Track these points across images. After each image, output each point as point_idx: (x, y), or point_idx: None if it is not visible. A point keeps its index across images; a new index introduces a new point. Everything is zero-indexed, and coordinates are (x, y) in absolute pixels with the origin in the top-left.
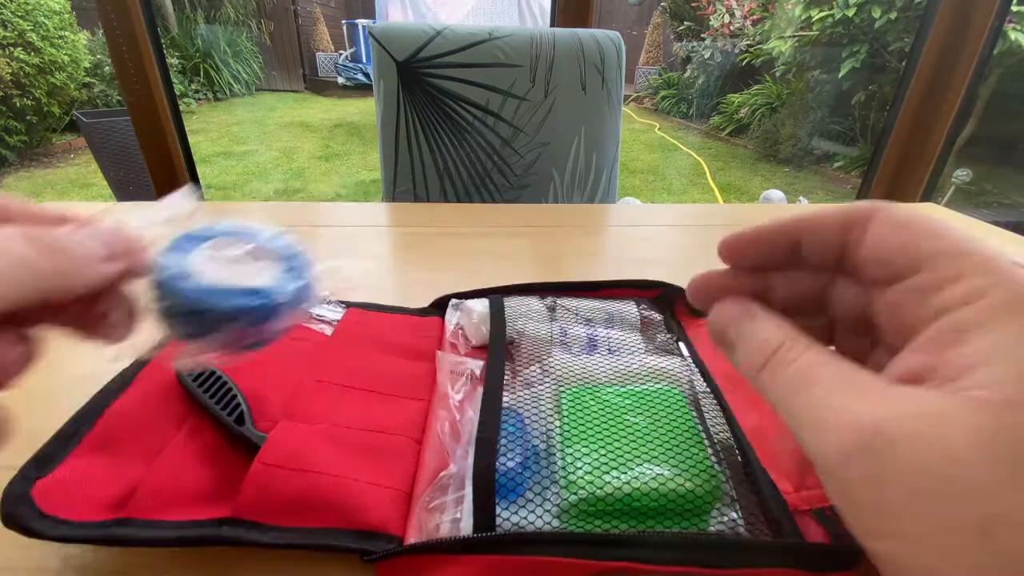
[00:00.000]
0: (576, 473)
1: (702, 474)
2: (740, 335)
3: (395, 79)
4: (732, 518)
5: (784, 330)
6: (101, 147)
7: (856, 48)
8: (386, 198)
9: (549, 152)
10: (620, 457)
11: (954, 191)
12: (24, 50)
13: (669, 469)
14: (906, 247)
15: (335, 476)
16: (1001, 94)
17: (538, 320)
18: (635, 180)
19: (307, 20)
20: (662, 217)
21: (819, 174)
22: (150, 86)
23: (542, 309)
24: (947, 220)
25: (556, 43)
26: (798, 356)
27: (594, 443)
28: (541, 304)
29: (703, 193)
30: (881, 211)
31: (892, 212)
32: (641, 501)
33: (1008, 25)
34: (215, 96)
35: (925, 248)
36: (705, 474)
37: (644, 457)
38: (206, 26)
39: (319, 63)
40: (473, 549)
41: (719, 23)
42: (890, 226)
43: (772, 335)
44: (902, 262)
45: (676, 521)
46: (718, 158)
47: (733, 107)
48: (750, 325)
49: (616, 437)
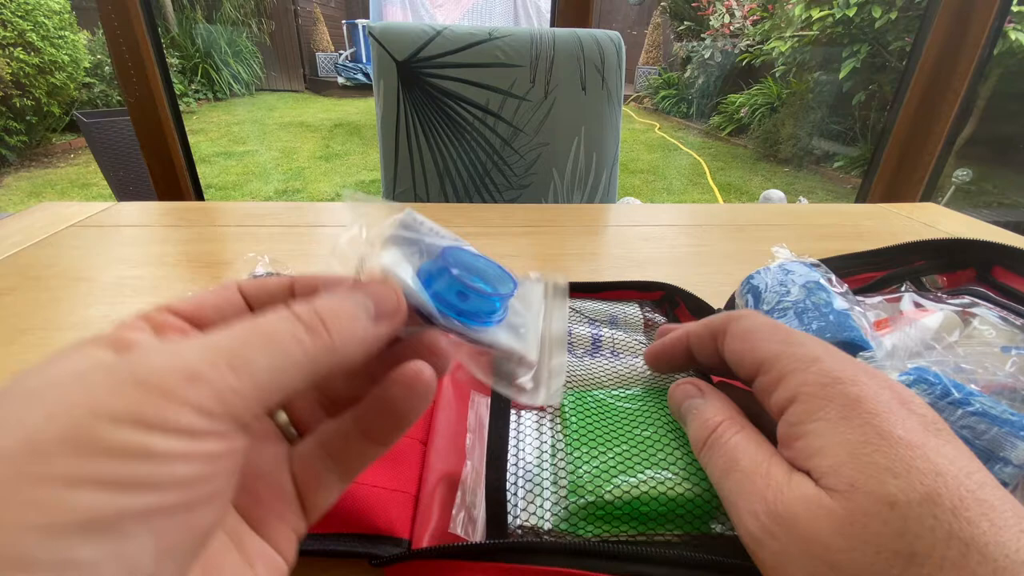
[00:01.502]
0: (583, 477)
1: (706, 480)
2: (689, 411)
3: (395, 79)
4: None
5: (725, 412)
6: (101, 147)
7: (856, 48)
8: (386, 198)
9: (549, 152)
10: (626, 461)
11: (954, 191)
12: (24, 50)
13: (675, 473)
14: (745, 355)
15: None
16: (1001, 94)
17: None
18: (635, 180)
19: (307, 20)
20: (662, 217)
21: (819, 174)
22: (150, 86)
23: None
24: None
25: (556, 43)
26: (730, 439)
27: (600, 446)
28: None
29: (703, 193)
30: (733, 323)
31: (738, 325)
32: (649, 505)
33: (1008, 25)
34: (215, 96)
35: (759, 355)
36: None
37: (650, 461)
38: (206, 26)
39: (319, 63)
40: (484, 556)
41: (719, 23)
42: (735, 337)
43: (712, 415)
44: (748, 366)
45: (681, 525)
46: (718, 158)
47: (733, 107)
48: (699, 402)
49: (621, 440)
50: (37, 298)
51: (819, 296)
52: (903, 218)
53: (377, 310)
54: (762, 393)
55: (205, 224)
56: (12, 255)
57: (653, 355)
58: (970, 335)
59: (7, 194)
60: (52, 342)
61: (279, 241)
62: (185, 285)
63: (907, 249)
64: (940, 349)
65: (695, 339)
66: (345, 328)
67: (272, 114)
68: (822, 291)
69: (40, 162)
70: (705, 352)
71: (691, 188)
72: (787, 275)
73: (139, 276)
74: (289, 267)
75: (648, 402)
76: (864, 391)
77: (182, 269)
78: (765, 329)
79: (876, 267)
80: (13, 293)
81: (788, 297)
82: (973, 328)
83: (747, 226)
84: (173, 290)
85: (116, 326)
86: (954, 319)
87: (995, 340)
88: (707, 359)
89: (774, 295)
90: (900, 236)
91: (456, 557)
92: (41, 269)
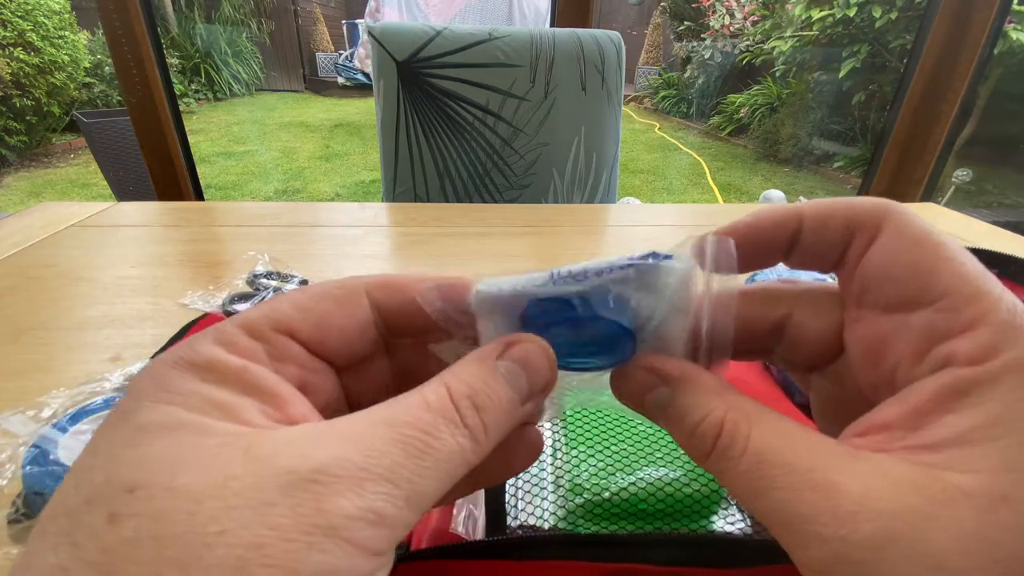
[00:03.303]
0: (581, 476)
1: (704, 476)
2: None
3: (395, 79)
4: (738, 518)
5: (720, 399)
6: (101, 147)
7: (856, 48)
8: (386, 198)
9: (549, 152)
10: (624, 459)
11: (954, 191)
12: (24, 50)
13: (673, 471)
14: (919, 271)
15: None
16: (1001, 94)
17: None
18: (635, 180)
19: (307, 20)
20: (662, 217)
21: (819, 174)
22: (150, 86)
23: None
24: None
25: (556, 43)
26: (748, 438)
27: (598, 445)
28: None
29: (703, 193)
30: (894, 217)
31: (906, 221)
32: (647, 502)
33: (1008, 25)
34: (215, 96)
35: (942, 278)
36: (707, 476)
37: (648, 459)
38: (206, 26)
39: (319, 63)
40: (483, 554)
41: (719, 24)
42: (904, 239)
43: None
44: (913, 287)
45: (681, 522)
46: (718, 158)
47: (733, 107)
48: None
49: (620, 439)
50: (37, 298)
51: None
52: None
53: (530, 387)
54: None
55: (205, 224)
56: (12, 255)
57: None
58: None
59: (7, 194)
60: (52, 342)
61: (279, 241)
62: (185, 285)
63: None
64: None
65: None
66: (501, 424)
67: (272, 114)
68: None
69: (40, 162)
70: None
71: (691, 188)
72: (789, 273)
73: (139, 276)
74: (289, 267)
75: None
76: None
77: (182, 269)
78: (953, 247)
79: None
80: (13, 293)
81: None
82: None
83: None
84: (173, 290)
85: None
86: None
87: None
88: (818, 255)
89: None
90: None
91: (455, 556)
92: (41, 269)
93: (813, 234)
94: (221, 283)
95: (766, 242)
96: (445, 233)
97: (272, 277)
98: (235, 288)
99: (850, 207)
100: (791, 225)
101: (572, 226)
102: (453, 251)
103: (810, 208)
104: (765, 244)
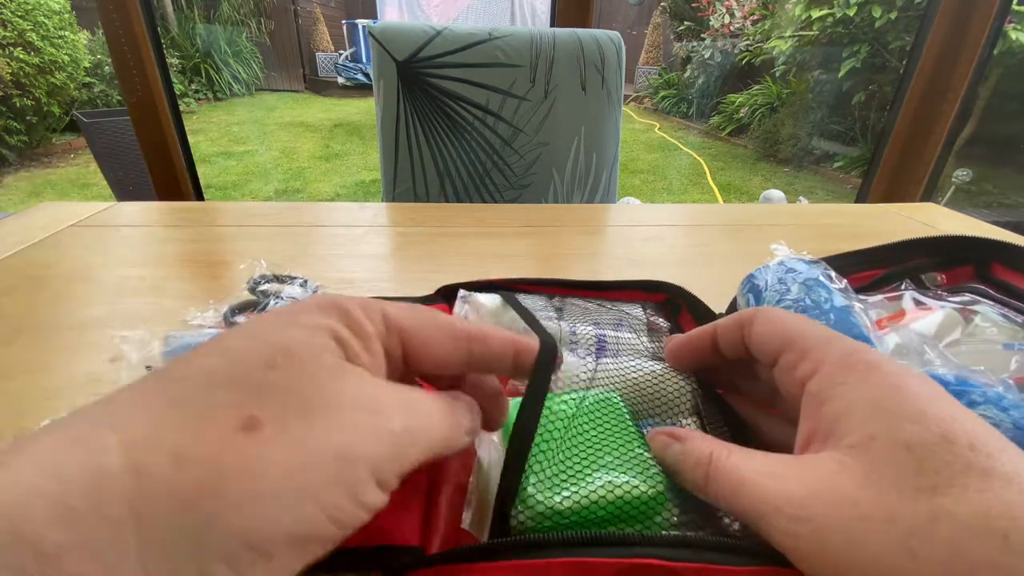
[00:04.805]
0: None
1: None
2: (675, 458)
3: (395, 79)
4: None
5: (710, 442)
6: (101, 147)
7: (856, 48)
8: (386, 198)
9: (549, 152)
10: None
11: (954, 191)
12: (24, 50)
13: (620, 476)
14: (773, 335)
15: None
16: (1001, 94)
17: (546, 319)
18: (635, 180)
19: (307, 20)
20: (662, 217)
21: (819, 174)
22: (150, 86)
23: (549, 308)
24: (803, 317)
25: (556, 43)
26: (727, 460)
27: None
28: (548, 303)
29: (703, 193)
30: (760, 312)
31: (765, 313)
32: (606, 509)
33: (1008, 25)
34: (215, 96)
35: (785, 334)
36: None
37: (597, 464)
38: (205, 26)
39: (319, 63)
40: (497, 555)
41: (719, 23)
42: (762, 322)
43: (701, 451)
44: (774, 345)
45: (632, 525)
46: (718, 158)
47: (733, 107)
48: (679, 448)
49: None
50: (37, 298)
51: (818, 293)
52: (903, 218)
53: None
54: (786, 370)
55: (205, 224)
56: (12, 255)
57: (676, 349)
58: (972, 333)
59: (7, 194)
60: (52, 342)
61: (279, 241)
62: (185, 285)
63: (905, 246)
64: (942, 347)
65: (723, 330)
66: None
67: (272, 114)
68: (822, 288)
69: (40, 162)
70: (731, 342)
71: (691, 188)
72: (787, 273)
73: (139, 276)
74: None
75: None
76: (880, 358)
77: (182, 269)
78: (790, 315)
79: (874, 265)
80: (13, 293)
81: (788, 295)
82: (975, 326)
83: (747, 226)
84: (173, 290)
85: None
86: (956, 317)
87: (997, 337)
88: (732, 350)
89: (774, 293)
90: (900, 236)
91: (471, 559)
92: (41, 269)
93: (724, 334)
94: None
95: (695, 346)
96: (445, 233)
97: (272, 281)
98: (237, 298)
99: (737, 315)
100: (710, 334)
101: (572, 226)
102: (453, 251)
103: (720, 321)
104: (694, 348)
